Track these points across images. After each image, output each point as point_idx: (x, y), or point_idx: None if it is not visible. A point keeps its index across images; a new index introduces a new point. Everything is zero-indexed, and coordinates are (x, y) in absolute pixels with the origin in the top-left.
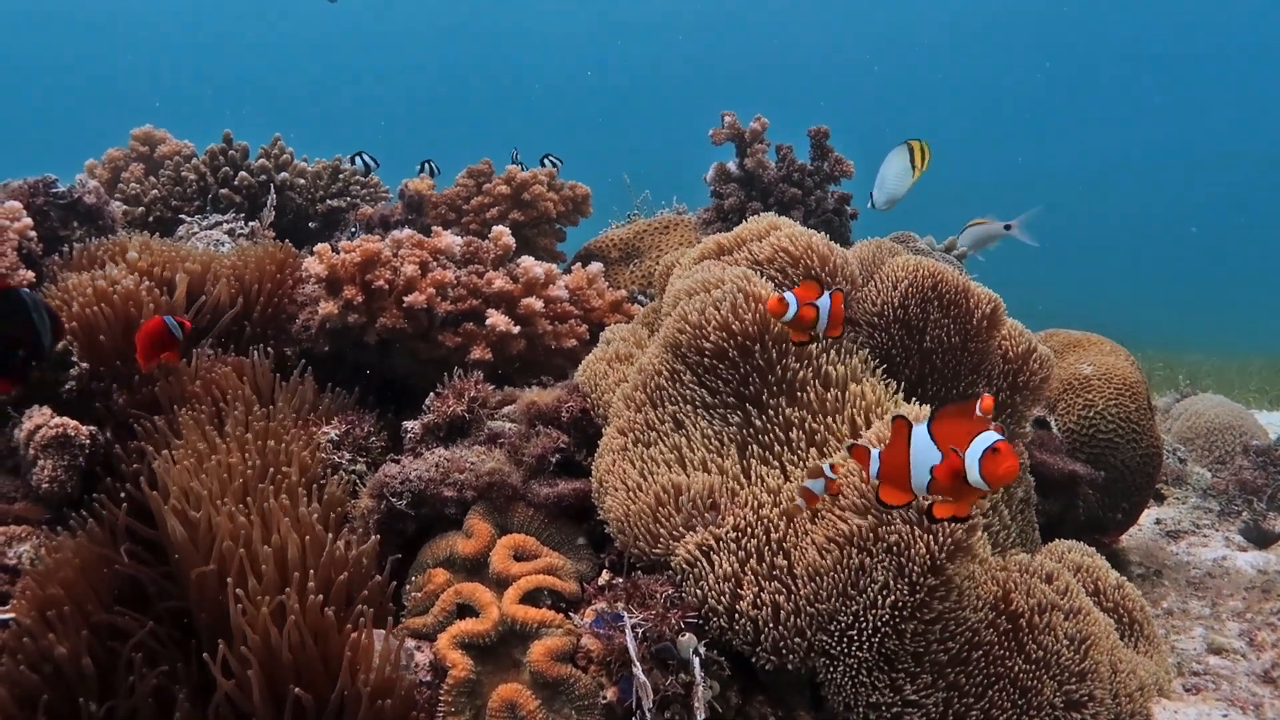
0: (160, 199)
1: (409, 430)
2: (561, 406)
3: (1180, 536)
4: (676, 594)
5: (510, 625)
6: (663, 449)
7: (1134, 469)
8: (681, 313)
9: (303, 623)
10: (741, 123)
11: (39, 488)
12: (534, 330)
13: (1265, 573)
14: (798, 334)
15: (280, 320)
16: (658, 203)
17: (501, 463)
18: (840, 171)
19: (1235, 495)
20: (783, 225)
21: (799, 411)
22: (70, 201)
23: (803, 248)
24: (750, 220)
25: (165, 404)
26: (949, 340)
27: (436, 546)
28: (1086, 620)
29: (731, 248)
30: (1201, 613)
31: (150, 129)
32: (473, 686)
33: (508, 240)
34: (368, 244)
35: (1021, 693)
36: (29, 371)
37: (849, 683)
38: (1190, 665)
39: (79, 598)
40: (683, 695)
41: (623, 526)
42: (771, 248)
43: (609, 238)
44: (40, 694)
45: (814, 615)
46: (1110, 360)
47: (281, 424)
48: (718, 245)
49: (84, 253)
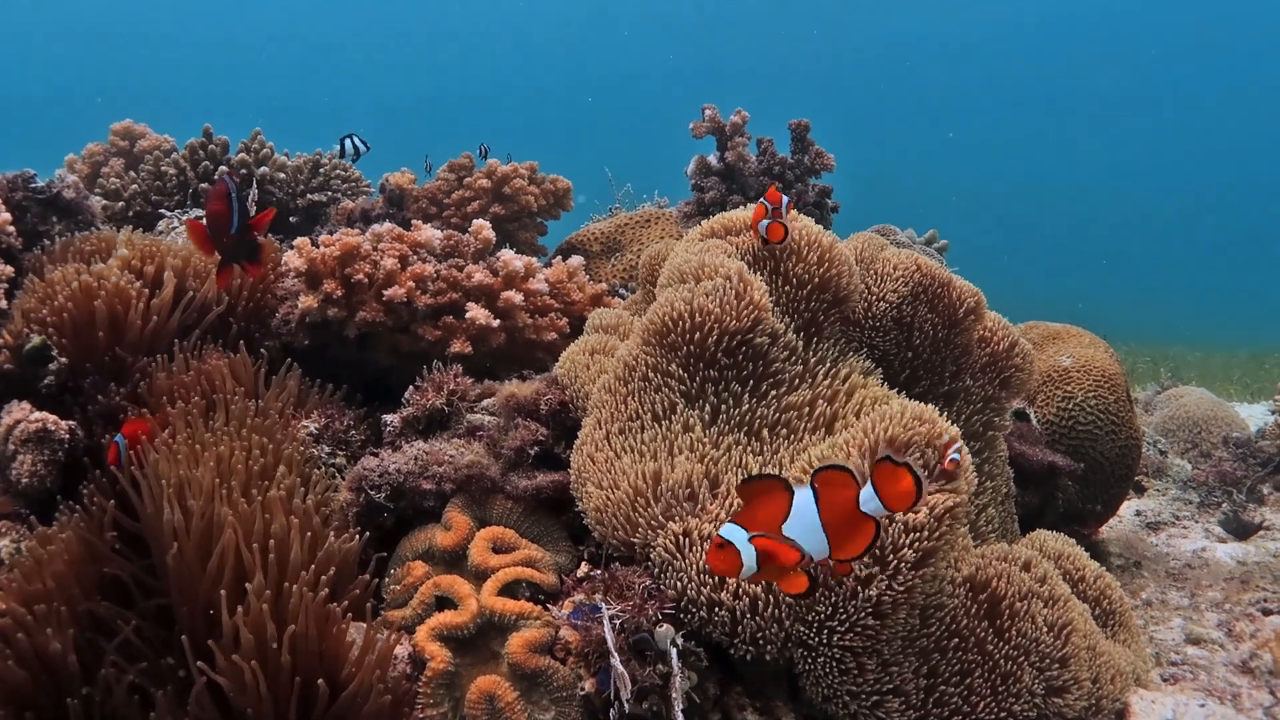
0: (140, 194)
1: (388, 423)
2: (540, 399)
3: (1160, 528)
4: (654, 585)
5: (489, 617)
6: (643, 439)
7: (1113, 460)
8: (668, 300)
9: (309, 616)
10: (722, 116)
11: (18, 482)
12: (514, 323)
13: (1244, 564)
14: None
15: (262, 315)
16: (639, 197)
17: (480, 455)
18: (821, 164)
19: (1215, 487)
20: (797, 217)
21: (782, 403)
22: (49, 196)
23: (805, 240)
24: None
25: (154, 398)
26: (934, 334)
27: (415, 539)
28: (1066, 608)
29: (740, 229)
30: (1180, 603)
31: (130, 124)
32: (451, 678)
33: (488, 234)
34: (347, 238)
35: (1001, 678)
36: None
37: (827, 673)
38: (1169, 655)
39: (65, 592)
40: (660, 686)
41: (601, 517)
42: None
43: (590, 231)
44: (26, 689)
45: (792, 606)
46: (1089, 352)
47: (272, 419)
48: (725, 225)
49: (67, 247)
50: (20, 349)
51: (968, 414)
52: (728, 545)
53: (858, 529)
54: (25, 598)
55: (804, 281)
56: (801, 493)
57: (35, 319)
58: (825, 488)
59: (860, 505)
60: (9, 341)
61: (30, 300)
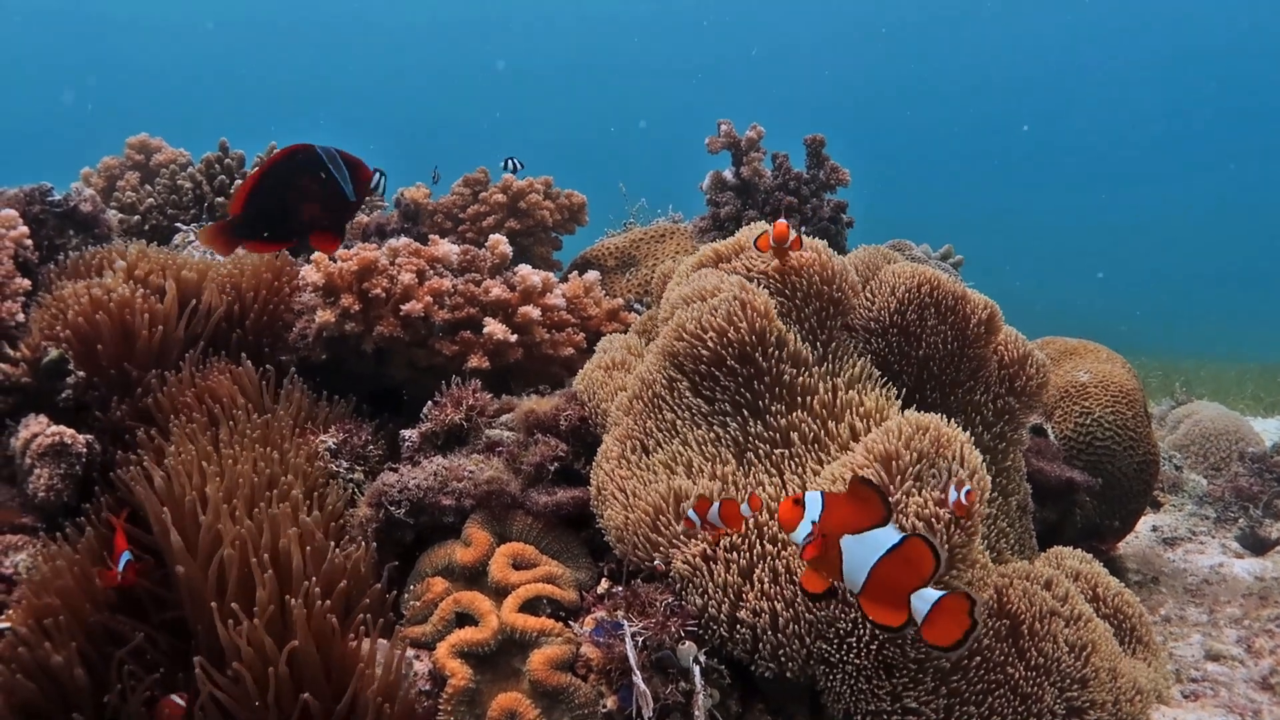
0: (156, 207)
1: (407, 439)
2: (560, 415)
3: (1177, 543)
4: (676, 602)
5: (509, 634)
6: (661, 456)
7: (1131, 476)
8: (679, 321)
9: (308, 630)
10: (738, 131)
11: (35, 496)
12: (531, 339)
13: (1262, 579)
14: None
15: (277, 329)
16: (654, 211)
17: (500, 471)
18: (836, 180)
19: (1231, 502)
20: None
21: (797, 418)
22: (66, 210)
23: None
24: (749, 227)
25: (161, 412)
26: (946, 347)
27: (435, 555)
28: (1087, 627)
29: (730, 255)
30: (1199, 619)
31: (146, 137)
32: (472, 695)
33: (504, 249)
34: (365, 252)
35: (1022, 699)
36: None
37: (848, 690)
38: (1189, 672)
39: (76, 607)
40: (683, 703)
41: (622, 535)
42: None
43: (605, 246)
44: (37, 703)
45: (813, 622)
46: (1107, 368)
47: (280, 432)
48: (715, 253)
49: (80, 261)
50: (38, 362)
51: (981, 428)
52: (800, 506)
53: (891, 604)
54: (36, 612)
55: (808, 295)
56: (887, 531)
57: (50, 334)
58: (902, 551)
59: (910, 597)
60: (27, 355)
61: (45, 315)
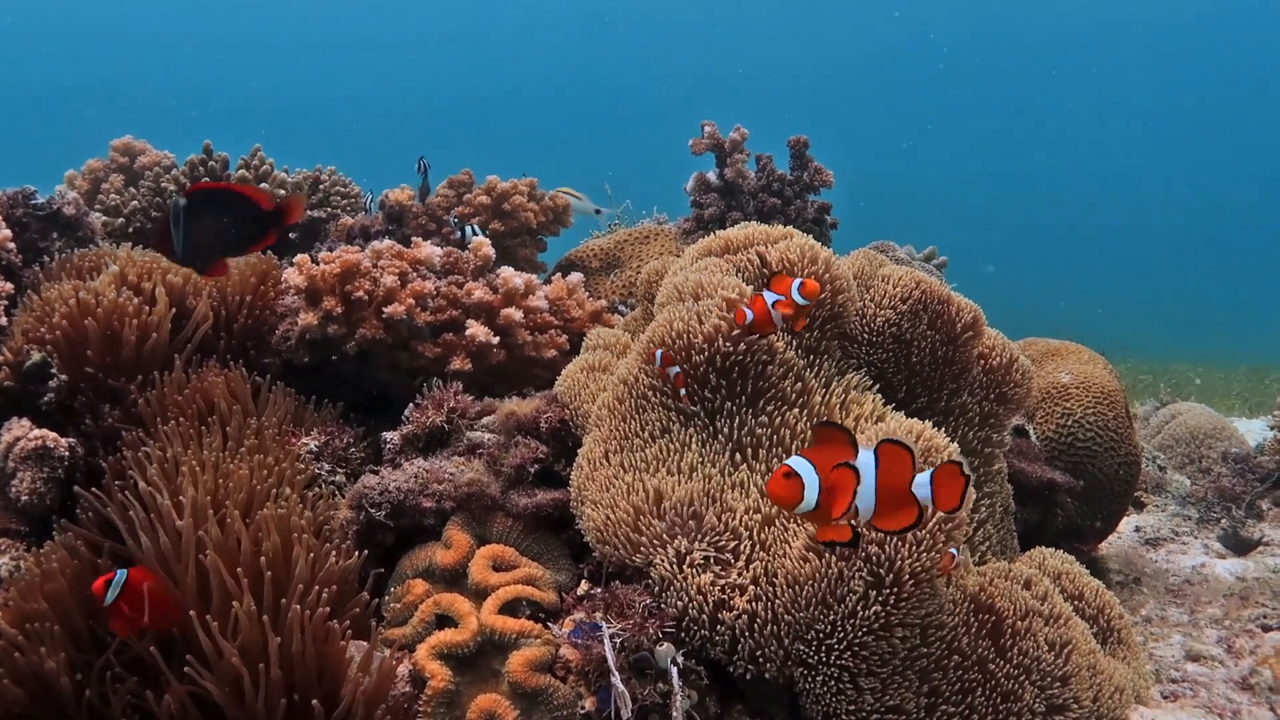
0: (140, 210)
1: (388, 441)
2: (540, 417)
3: (1159, 544)
4: (654, 603)
5: (489, 636)
6: (644, 456)
7: (1112, 477)
8: (666, 319)
9: (307, 635)
10: (721, 133)
11: (18, 500)
12: (514, 340)
13: (1243, 580)
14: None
15: (262, 332)
16: (639, 212)
17: (480, 473)
18: (820, 181)
19: (1214, 502)
20: (795, 235)
21: (785, 421)
22: (50, 213)
23: (807, 260)
24: (762, 226)
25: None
26: (933, 351)
27: (415, 557)
28: (1067, 626)
29: (739, 247)
30: (1180, 620)
31: (130, 140)
32: (452, 697)
33: (488, 251)
34: (347, 255)
35: (1003, 697)
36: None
37: (827, 691)
38: (1169, 672)
39: (60, 611)
40: (661, 704)
41: (602, 535)
42: (780, 253)
43: (590, 248)
44: (23, 708)
45: (791, 624)
46: (1088, 369)
47: (270, 436)
48: (725, 242)
49: (65, 264)
50: (20, 366)
51: (966, 430)
52: (794, 476)
53: (903, 507)
54: (21, 616)
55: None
56: (865, 454)
57: (34, 337)
58: (887, 458)
59: (913, 487)
60: (9, 358)
61: (28, 318)
